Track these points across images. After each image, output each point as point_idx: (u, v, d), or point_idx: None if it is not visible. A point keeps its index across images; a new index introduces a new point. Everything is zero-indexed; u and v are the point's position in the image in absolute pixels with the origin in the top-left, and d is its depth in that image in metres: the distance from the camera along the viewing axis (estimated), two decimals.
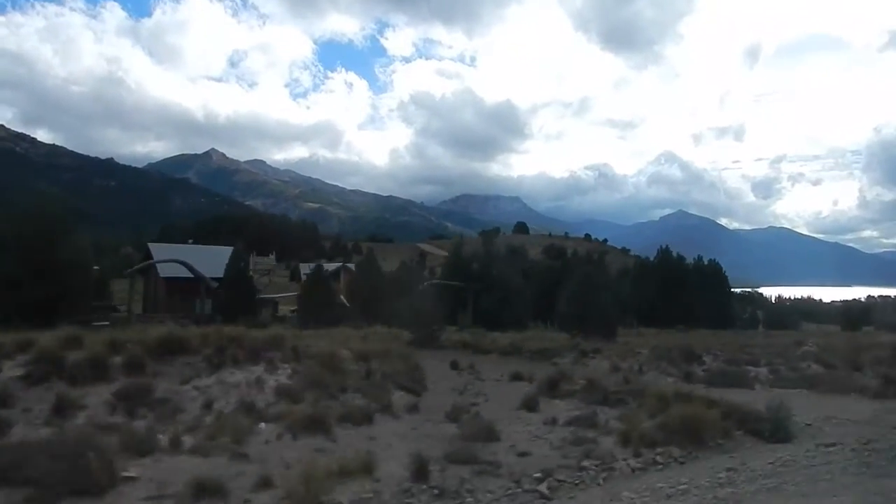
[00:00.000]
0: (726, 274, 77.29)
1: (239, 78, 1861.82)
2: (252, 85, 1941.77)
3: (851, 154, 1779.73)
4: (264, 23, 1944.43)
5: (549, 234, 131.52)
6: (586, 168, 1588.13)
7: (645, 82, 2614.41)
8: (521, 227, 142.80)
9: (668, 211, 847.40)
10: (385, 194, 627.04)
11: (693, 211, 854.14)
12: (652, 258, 75.51)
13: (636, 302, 65.07)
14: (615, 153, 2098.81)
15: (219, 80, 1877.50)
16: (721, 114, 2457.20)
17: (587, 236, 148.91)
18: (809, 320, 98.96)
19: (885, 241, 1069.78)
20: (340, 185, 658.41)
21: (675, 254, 77.45)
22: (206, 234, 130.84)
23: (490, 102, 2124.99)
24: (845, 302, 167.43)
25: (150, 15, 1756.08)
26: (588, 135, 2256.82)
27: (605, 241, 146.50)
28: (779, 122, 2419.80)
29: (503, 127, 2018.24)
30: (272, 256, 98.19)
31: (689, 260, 76.32)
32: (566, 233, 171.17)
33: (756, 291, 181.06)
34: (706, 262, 78.15)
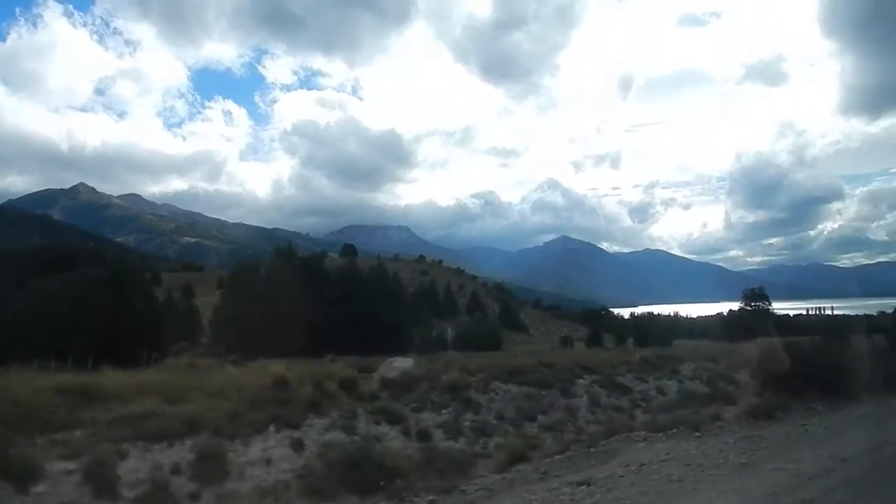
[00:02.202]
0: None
1: (107, 107, 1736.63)
2: (122, 115, 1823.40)
3: (717, 180, 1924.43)
4: (134, 50, 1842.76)
5: (378, 256, 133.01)
6: (472, 196, 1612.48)
7: (525, 112, 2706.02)
8: (350, 250, 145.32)
9: (552, 236, 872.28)
10: (270, 227, 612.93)
11: (575, 236, 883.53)
12: (538, 283, 68.76)
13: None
14: (500, 181, 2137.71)
15: (84, 109, 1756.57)
16: (598, 142, 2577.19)
17: (421, 258, 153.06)
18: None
19: (749, 259, 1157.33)
20: (222, 217, 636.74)
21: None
22: None
23: (374, 132, 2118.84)
24: (679, 317, 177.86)
25: (3, 40, 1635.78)
26: (472, 163, 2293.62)
27: (441, 262, 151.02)
28: (651, 151, 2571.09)
29: (388, 156, 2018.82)
30: None
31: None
32: (447, 262, 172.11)
33: (605, 309, 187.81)
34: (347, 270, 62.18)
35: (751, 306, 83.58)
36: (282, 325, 40.05)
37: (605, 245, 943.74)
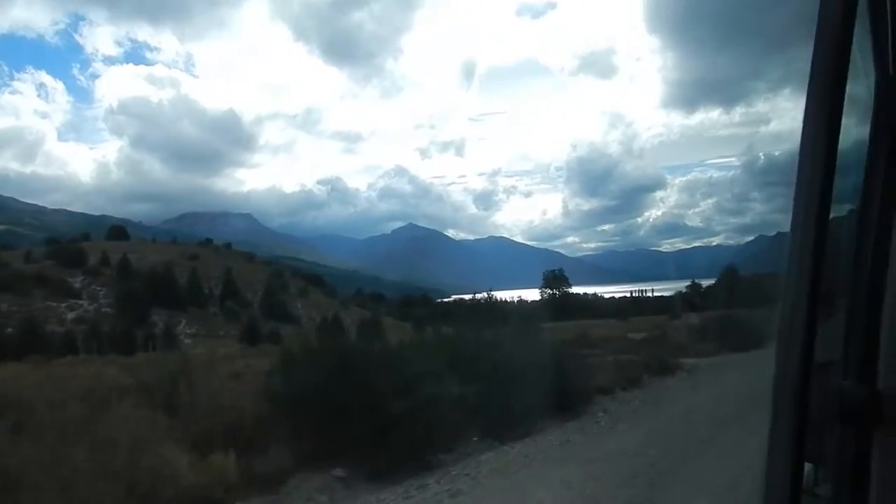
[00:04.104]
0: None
1: None
2: None
3: (555, 169, 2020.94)
4: None
5: (155, 240, 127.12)
6: (318, 182, 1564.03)
7: (370, 96, 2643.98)
8: (120, 233, 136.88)
9: (399, 224, 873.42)
10: (97, 213, 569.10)
11: (423, 223, 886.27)
12: (385, 272, 64.32)
13: None
14: (346, 167, 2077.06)
15: None
16: (444, 129, 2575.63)
17: (208, 240, 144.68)
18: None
19: (584, 245, 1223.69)
20: (40, 203, 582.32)
21: None
22: None
23: (211, 112, 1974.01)
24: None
25: None
26: (317, 148, 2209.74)
27: (230, 245, 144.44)
28: (494, 139, 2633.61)
29: (228, 139, 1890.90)
30: None
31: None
32: (291, 251, 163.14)
33: (425, 296, 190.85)
34: None
35: (551, 290, 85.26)
36: None
37: (451, 232, 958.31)
